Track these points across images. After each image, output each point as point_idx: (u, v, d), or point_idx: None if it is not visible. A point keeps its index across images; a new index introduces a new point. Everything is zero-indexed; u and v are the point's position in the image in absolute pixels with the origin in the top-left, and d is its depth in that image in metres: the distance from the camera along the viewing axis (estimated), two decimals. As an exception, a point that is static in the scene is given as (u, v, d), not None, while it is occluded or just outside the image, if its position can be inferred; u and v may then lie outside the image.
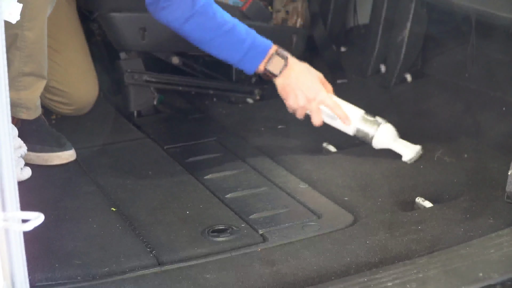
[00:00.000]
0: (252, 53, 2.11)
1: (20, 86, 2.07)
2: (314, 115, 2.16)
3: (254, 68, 2.14)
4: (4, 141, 0.97)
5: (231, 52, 2.12)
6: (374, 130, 2.16)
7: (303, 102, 2.14)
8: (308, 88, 2.14)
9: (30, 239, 1.06)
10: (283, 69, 2.14)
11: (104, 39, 2.72)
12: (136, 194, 1.96)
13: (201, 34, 2.09)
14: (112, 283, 1.53)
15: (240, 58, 2.12)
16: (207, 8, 2.07)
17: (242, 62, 2.13)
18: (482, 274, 1.46)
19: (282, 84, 2.15)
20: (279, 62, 2.13)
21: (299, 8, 2.82)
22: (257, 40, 2.13)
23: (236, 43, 2.10)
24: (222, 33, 2.09)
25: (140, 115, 2.61)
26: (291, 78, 2.13)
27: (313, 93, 2.14)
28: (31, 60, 2.06)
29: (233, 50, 2.11)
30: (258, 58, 2.12)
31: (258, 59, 2.12)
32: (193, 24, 2.06)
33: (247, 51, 2.10)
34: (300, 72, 2.15)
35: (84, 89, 2.47)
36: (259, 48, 2.12)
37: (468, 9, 2.36)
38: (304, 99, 2.14)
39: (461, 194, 1.93)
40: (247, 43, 2.10)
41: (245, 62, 2.13)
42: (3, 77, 0.97)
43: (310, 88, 2.14)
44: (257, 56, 2.12)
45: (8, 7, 1.75)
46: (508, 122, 2.30)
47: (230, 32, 2.09)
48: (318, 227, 1.77)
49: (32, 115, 2.15)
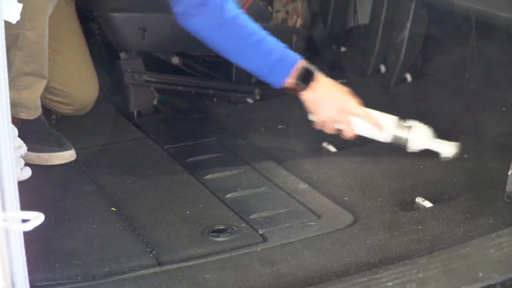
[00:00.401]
0: (280, 66, 2.09)
1: (21, 85, 2.07)
2: (345, 127, 2.13)
3: (281, 82, 2.10)
4: (4, 141, 0.97)
5: (258, 64, 2.10)
6: (408, 133, 2.14)
7: (333, 113, 2.11)
8: (337, 100, 2.12)
9: (30, 239, 1.06)
10: (311, 83, 2.11)
11: (104, 39, 2.72)
12: (136, 194, 1.96)
13: (230, 43, 2.08)
14: (112, 283, 1.53)
15: (268, 71, 2.10)
16: (236, 18, 2.06)
17: (269, 75, 2.10)
18: (482, 274, 1.46)
19: (311, 98, 2.12)
20: (307, 76, 2.11)
21: (299, 8, 2.83)
22: (286, 53, 2.11)
23: (264, 55, 2.08)
24: (250, 44, 2.07)
25: (140, 115, 2.61)
26: (320, 91, 2.11)
27: (343, 104, 2.12)
28: (32, 60, 2.06)
29: (261, 62, 2.09)
30: (285, 71, 2.09)
31: (286, 72, 2.09)
32: (222, 33, 2.06)
33: (275, 64, 2.08)
34: (328, 85, 2.14)
35: (84, 89, 2.47)
36: (287, 61, 2.10)
37: (468, 9, 2.36)
38: (334, 110, 2.11)
39: (461, 194, 1.93)
40: (275, 56, 2.09)
41: (273, 75, 2.10)
42: (3, 77, 0.97)
43: (340, 99, 2.12)
44: (285, 69, 2.09)
45: (8, 7, 1.75)
46: (508, 122, 2.30)
47: (259, 44, 2.08)
48: (318, 227, 1.77)
49: (32, 115, 2.15)
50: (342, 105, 2.12)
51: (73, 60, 2.46)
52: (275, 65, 2.09)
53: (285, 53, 2.11)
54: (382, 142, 2.18)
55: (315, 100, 2.12)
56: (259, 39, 2.08)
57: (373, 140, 2.31)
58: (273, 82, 2.13)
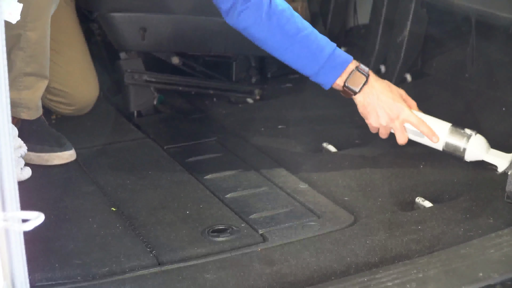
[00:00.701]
0: (330, 64, 2.01)
1: (22, 86, 2.07)
2: (398, 134, 2.05)
3: (332, 82, 2.03)
4: (4, 141, 0.97)
5: (308, 61, 2.02)
6: (465, 143, 2.04)
7: (386, 121, 2.04)
8: (390, 107, 2.03)
9: (30, 239, 1.06)
10: (363, 87, 2.03)
11: (104, 39, 2.72)
12: (136, 194, 1.96)
13: (279, 38, 2.01)
14: (112, 283, 1.53)
15: (318, 69, 2.02)
16: (284, 12, 2.00)
17: (319, 74, 2.03)
18: (482, 274, 1.46)
19: (362, 103, 2.05)
20: (359, 79, 2.03)
21: (299, 8, 2.82)
22: (337, 52, 2.03)
23: (314, 51, 2.01)
24: (300, 38, 2.00)
25: (140, 115, 2.61)
26: (372, 97, 2.03)
27: (396, 112, 2.03)
28: (34, 60, 2.06)
29: (310, 58, 2.02)
30: (336, 71, 2.02)
31: (337, 72, 2.02)
32: (271, 27, 1.99)
33: (326, 62, 2.01)
34: (381, 90, 2.04)
35: (84, 89, 2.47)
36: (338, 60, 2.02)
37: (468, 9, 2.36)
38: (386, 118, 2.04)
39: (461, 194, 1.93)
40: (326, 53, 2.01)
41: (323, 74, 2.03)
42: (3, 77, 0.97)
43: (392, 107, 2.03)
44: (336, 69, 2.02)
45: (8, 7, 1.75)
46: (508, 122, 2.30)
47: (309, 38, 2.01)
48: (318, 227, 1.77)
49: (33, 115, 2.15)
50: (395, 113, 2.03)
51: (73, 60, 2.46)
52: (325, 63, 2.01)
53: (337, 51, 2.03)
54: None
55: (367, 107, 2.04)
56: (309, 33, 2.01)
57: (373, 140, 2.31)
58: (323, 82, 2.05)
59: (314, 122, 2.49)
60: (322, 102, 2.69)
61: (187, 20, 2.55)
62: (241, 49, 2.74)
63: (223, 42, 2.63)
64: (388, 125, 2.05)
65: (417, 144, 2.25)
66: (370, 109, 2.04)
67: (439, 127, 2.07)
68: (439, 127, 2.08)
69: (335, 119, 2.51)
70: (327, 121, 2.50)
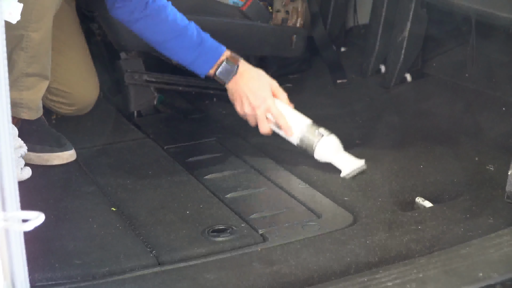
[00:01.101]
0: (203, 58, 2.17)
1: (23, 86, 2.07)
2: (260, 123, 2.16)
3: (205, 72, 2.19)
4: (4, 141, 0.97)
5: (183, 56, 2.19)
6: (316, 142, 2.09)
7: (249, 109, 2.16)
8: (254, 96, 2.15)
9: (30, 239, 1.06)
10: (233, 75, 2.17)
11: (104, 39, 2.72)
12: (136, 194, 1.96)
13: (153, 35, 2.19)
14: (112, 283, 1.53)
15: (192, 62, 2.18)
16: (160, 11, 2.15)
17: (193, 65, 2.19)
18: (482, 274, 1.46)
19: (231, 90, 2.18)
20: (229, 68, 2.17)
21: (299, 8, 2.82)
22: (208, 46, 2.17)
23: (187, 47, 2.16)
24: (173, 36, 2.16)
25: (140, 115, 2.61)
26: (240, 85, 2.16)
27: (259, 101, 2.14)
28: (35, 61, 2.06)
29: (184, 53, 2.18)
30: (209, 63, 2.17)
31: (209, 64, 2.17)
32: (143, 25, 2.16)
33: (198, 56, 2.16)
34: (249, 79, 2.16)
35: (85, 89, 2.47)
36: (210, 54, 2.17)
37: (468, 9, 2.36)
38: (249, 107, 2.15)
39: (461, 194, 1.93)
40: (198, 48, 2.16)
41: (197, 66, 2.19)
42: (3, 77, 0.97)
43: (257, 96, 2.14)
44: (208, 61, 2.17)
45: (8, 7, 1.75)
46: (508, 122, 2.30)
47: (182, 36, 2.15)
48: (318, 227, 1.77)
49: (34, 115, 2.15)
50: (258, 102, 2.14)
51: (74, 60, 2.46)
52: (198, 57, 2.16)
53: (208, 45, 2.17)
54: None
55: (234, 94, 2.18)
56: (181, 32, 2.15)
57: (373, 140, 2.32)
58: (198, 73, 2.21)
59: (314, 122, 2.48)
60: (322, 102, 2.70)
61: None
62: (241, 49, 2.73)
63: (223, 42, 2.63)
64: (252, 113, 2.16)
65: (417, 144, 2.25)
66: (237, 96, 2.17)
67: (298, 122, 2.14)
68: (299, 122, 2.14)
69: (335, 119, 2.51)
70: (327, 121, 2.50)
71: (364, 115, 2.56)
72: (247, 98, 2.15)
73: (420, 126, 2.41)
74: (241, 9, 2.66)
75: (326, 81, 2.89)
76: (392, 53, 2.75)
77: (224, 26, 2.61)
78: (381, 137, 2.34)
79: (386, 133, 2.37)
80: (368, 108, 2.63)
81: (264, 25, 2.71)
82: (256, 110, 2.15)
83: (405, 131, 2.37)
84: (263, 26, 2.70)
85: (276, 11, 2.80)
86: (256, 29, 2.68)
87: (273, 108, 2.14)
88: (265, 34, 2.72)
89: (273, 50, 2.78)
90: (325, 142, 2.09)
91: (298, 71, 3.03)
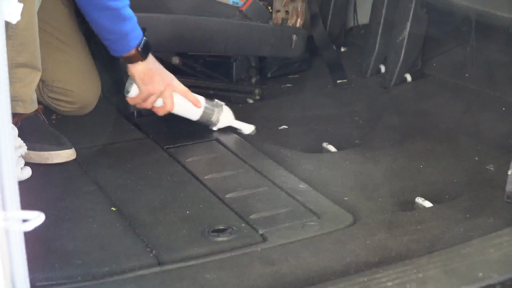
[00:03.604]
0: (130, 35, 2.19)
1: (15, 78, 2.07)
2: (168, 100, 2.28)
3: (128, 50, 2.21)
4: (4, 141, 0.97)
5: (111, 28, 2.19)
6: (219, 111, 2.35)
7: (162, 86, 2.26)
8: (166, 74, 2.29)
9: (30, 239, 1.06)
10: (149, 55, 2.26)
11: (104, 39, 2.71)
12: (136, 194, 1.96)
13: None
14: (112, 283, 1.53)
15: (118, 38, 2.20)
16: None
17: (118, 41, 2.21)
18: (482, 274, 1.46)
19: (144, 69, 2.24)
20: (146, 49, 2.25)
21: (299, 8, 2.82)
22: (137, 26, 2.20)
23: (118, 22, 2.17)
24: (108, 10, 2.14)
25: (140, 115, 2.60)
26: (153, 64, 2.26)
27: (169, 79, 2.29)
28: (24, 49, 2.05)
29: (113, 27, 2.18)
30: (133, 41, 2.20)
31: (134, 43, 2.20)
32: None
33: (127, 33, 2.18)
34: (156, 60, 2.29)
35: (86, 87, 2.47)
36: (137, 33, 2.21)
37: (468, 9, 2.37)
38: (162, 84, 2.27)
39: (461, 194, 1.93)
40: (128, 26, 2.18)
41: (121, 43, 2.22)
42: (3, 77, 0.97)
43: (167, 74, 2.29)
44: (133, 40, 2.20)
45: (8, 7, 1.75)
46: (508, 122, 2.30)
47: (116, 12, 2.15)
48: (318, 227, 1.77)
49: (29, 108, 2.15)
50: (169, 80, 2.29)
51: (75, 58, 2.46)
52: (126, 33, 2.18)
53: (137, 26, 2.21)
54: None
55: (147, 72, 2.25)
56: (117, 8, 2.15)
57: (373, 140, 2.31)
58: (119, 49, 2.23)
59: (314, 122, 2.49)
60: (322, 102, 2.70)
61: (187, 20, 2.55)
62: (241, 49, 2.74)
63: (223, 42, 2.63)
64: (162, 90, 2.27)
65: (417, 144, 2.25)
66: (150, 74, 2.26)
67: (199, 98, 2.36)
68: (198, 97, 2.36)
69: (335, 119, 2.51)
70: (327, 121, 2.51)
71: (364, 115, 2.56)
72: (161, 77, 2.27)
73: (420, 126, 2.41)
74: (240, 9, 2.66)
75: (326, 81, 2.89)
76: (392, 53, 2.75)
77: (224, 26, 2.61)
78: (381, 137, 2.34)
79: (386, 133, 2.37)
80: (368, 108, 2.63)
81: (264, 25, 2.71)
82: (168, 88, 2.27)
83: (405, 131, 2.37)
84: (263, 26, 2.70)
85: (276, 11, 2.80)
86: (256, 29, 2.68)
87: (180, 86, 2.31)
88: (265, 34, 2.72)
89: (273, 50, 2.78)
90: (226, 110, 2.38)
91: (298, 71, 3.03)
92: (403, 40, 2.70)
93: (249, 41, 2.70)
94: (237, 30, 2.65)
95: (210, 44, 2.63)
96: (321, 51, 3.00)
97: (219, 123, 2.37)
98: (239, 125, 2.39)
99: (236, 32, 2.65)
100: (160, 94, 2.28)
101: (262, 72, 2.96)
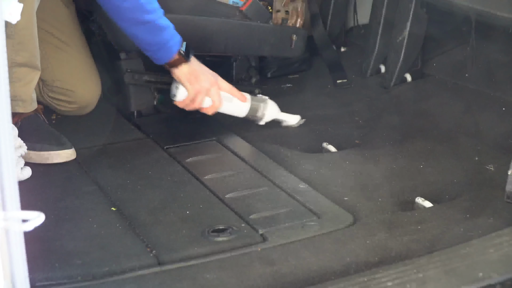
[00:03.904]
0: (170, 43, 2.20)
1: (14, 78, 2.07)
2: (216, 98, 2.29)
3: (170, 57, 2.23)
4: (4, 141, 0.97)
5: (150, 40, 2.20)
6: (265, 105, 2.38)
7: (209, 84, 2.28)
8: (210, 73, 2.31)
9: (30, 239, 1.06)
10: (191, 57, 2.28)
11: (104, 39, 2.72)
12: (136, 194, 1.96)
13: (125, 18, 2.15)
14: (112, 283, 1.53)
15: (159, 47, 2.21)
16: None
17: (159, 50, 2.22)
18: (482, 274, 1.46)
19: (189, 70, 2.25)
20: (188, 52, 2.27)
21: (299, 8, 2.82)
22: (175, 33, 2.21)
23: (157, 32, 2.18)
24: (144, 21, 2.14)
25: (140, 115, 2.60)
26: (196, 64, 2.28)
27: (215, 77, 2.31)
28: (23, 48, 2.05)
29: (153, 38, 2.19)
30: (174, 47, 2.21)
31: (175, 49, 2.21)
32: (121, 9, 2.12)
33: (166, 41, 2.19)
34: (198, 61, 2.31)
35: (87, 86, 2.47)
36: (176, 39, 2.22)
37: (468, 9, 2.37)
38: (209, 82, 2.28)
39: (461, 194, 1.93)
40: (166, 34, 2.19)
41: (162, 51, 2.22)
42: (3, 77, 0.97)
43: (212, 73, 2.31)
44: (174, 46, 2.21)
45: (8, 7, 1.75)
46: (508, 122, 2.30)
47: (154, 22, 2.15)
48: (318, 227, 1.77)
49: (29, 107, 2.15)
50: (214, 78, 2.30)
51: (75, 58, 2.46)
52: (166, 42, 2.19)
53: (174, 32, 2.21)
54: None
55: (193, 72, 2.26)
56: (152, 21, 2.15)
57: (373, 140, 2.31)
58: (161, 58, 2.24)
59: (314, 122, 2.49)
60: (322, 102, 2.70)
61: (187, 20, 2.55)
62: (241, 49, 2.74)
63: (223, 42, 2.63)
64: (210, 88, 2.28)
65: (417, 144, 2.25)
66: (196, 74, 2.27)
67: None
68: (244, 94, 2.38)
69: (335, 119, 2.51)
70: (327, 121, 2.51)
71: (364, 115, 2.56)
72: (206, 75, 2.28)
73: (420, 126, 2.41)
74: (240, 9, 2.66)
75: (326, 81, 2.89)
76: (392, 53, 2.75)
77: (224, 26, 2.61)
78: (381, 137, 2.34)
79: (386, 133, 2.37)
80: (368, 108, 2.63)
81: (264, 25, 2.71)
82: (214, 86, 2.28)
83: (405, 131, 2.37)
84: (263, 26, 2.70)
85: (276, 11, 2.80)
86: (256, 29, 2.68)
87: (224, 83, 2.32)
88: (265, 34, 2.71)
89: (273, 50, 2.78)
90: (271, 103, 2.40)
91: (298, 71, 3.03)
92: (403, 40, 2.70)
93: (249, 41, 2.70)
94: (237, 30, 2.65)
95: (210, 44, 2.63)
96: (321, 51, 3.00)
97: (265, 117, 2.39)
98: (285, 117, 2.42)
99: (236, 32, 2.65)
100: (207, 93, 2.28)
101: (262, 72, 2.96)
